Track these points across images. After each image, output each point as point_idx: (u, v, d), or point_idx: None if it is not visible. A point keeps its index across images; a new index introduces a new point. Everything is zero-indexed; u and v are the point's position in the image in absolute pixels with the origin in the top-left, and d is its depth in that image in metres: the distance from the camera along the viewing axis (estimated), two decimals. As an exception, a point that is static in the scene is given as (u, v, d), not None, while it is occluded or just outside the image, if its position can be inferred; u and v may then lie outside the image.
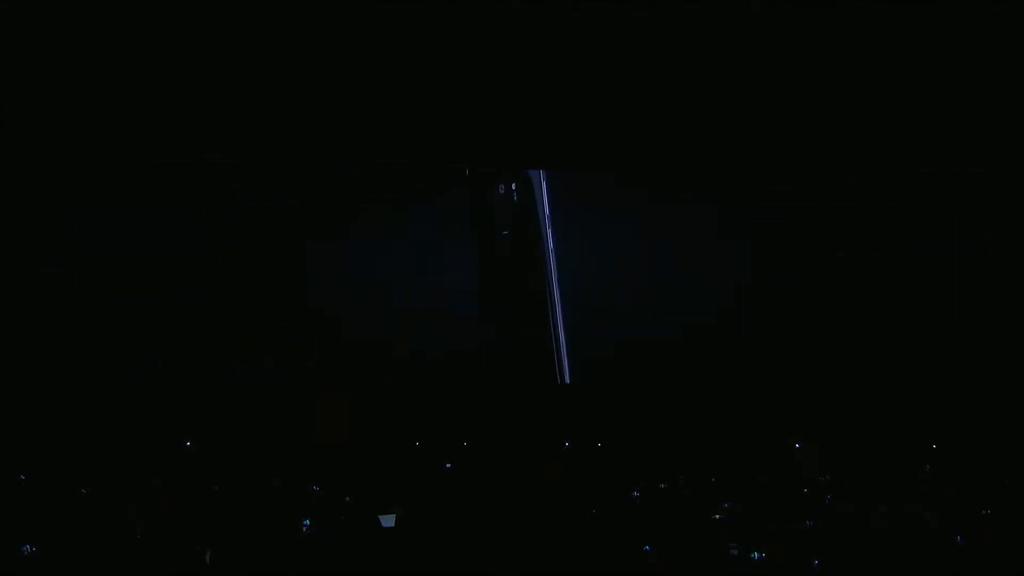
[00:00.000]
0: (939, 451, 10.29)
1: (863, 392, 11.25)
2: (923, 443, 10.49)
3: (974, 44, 10.05)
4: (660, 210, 11.89)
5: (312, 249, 11.63)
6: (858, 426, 10.94)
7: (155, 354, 11.15)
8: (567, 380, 11.88)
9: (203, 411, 10.98)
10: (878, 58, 10.38)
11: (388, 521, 7.98)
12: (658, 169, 11.89)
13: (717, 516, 8.04)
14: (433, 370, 11.87)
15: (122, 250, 11.21)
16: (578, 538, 7.37)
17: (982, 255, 11.31)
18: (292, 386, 11.41)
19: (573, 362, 11.90)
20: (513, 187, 12.03)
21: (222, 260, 11.46)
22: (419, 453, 10.33)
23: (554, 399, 11.85)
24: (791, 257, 11.70)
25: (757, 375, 11.57)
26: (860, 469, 9.78)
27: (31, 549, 6.64)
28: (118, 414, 10.86)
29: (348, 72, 10.58)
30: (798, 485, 9.43)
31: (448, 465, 10.11)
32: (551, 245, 12.08)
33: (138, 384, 11.05)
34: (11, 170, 10.82)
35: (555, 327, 12.00)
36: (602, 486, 9.55)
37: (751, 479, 9.58)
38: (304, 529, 7.54)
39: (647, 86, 10.92)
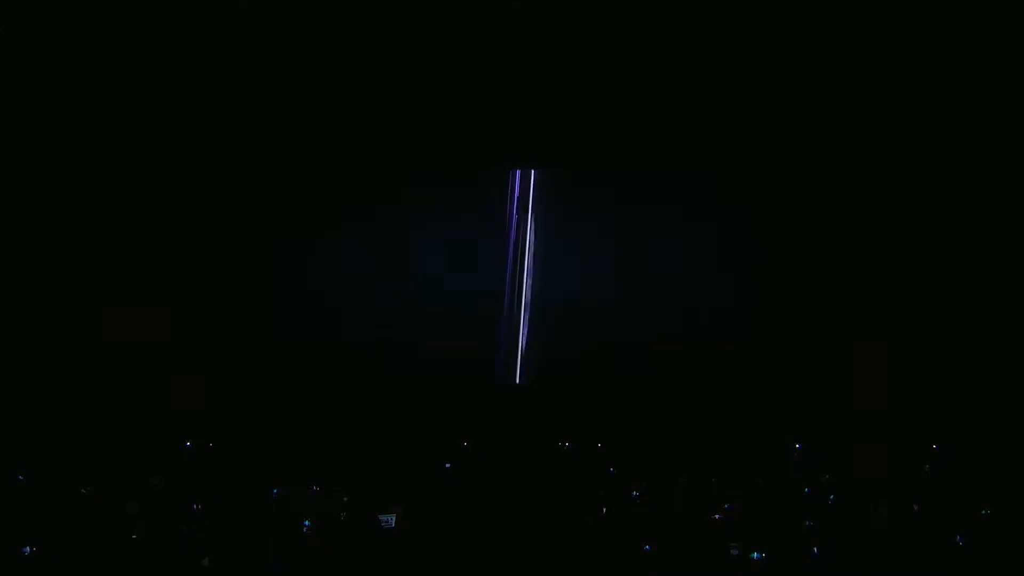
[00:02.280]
0: (940, 451, 10.27)
1: (863, 391, 11.24)
2: (924, 443, 10.48)
3: (975, 44, 10.05)
4: (653, 210, 11.90)
5: (311, 249, 11.63)
6: (858, 426, 10.93)
7: (155, 354, 11.15)
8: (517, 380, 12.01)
9: (203, 411, 10.97)
10: (880, 56, 10.37)
11: (388, 521, 8.00)
12: (650, 167, 11.90)
13: (716, 516, 8.05)
14: (433, 370, 11.86)
15: (121, 250, 11.21)
16: (578, 538, 7.38)
17: (983, 255, 11.29)
18: (293, 386, 11.41)
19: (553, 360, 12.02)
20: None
21: (222, 260, 11.45)
22: (419, 453, 10.32)
23: (552, 399, 11.85)
24: (790, 256, 11.69)
25: (756, 374, 11.55)
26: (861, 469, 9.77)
27: (31, 549, 6.65)
28: (118, 414, 10.85)
29: (346, 71, 10.59)
30: (798, 485, 9.42)
31: (448, 465, 10.10)
32: (513, 237, 12.09)
33: (138, 384, 11.06)
34: (10, 170, 10.82)
35: (520, 324, 12.11)
36: (602, 486, 9.55)
37: (751, 479, 9.57)
38: (305, 529, 7.55)
39: (643, 83, 10.91)
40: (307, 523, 7.69)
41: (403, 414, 11.26)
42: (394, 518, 8.04)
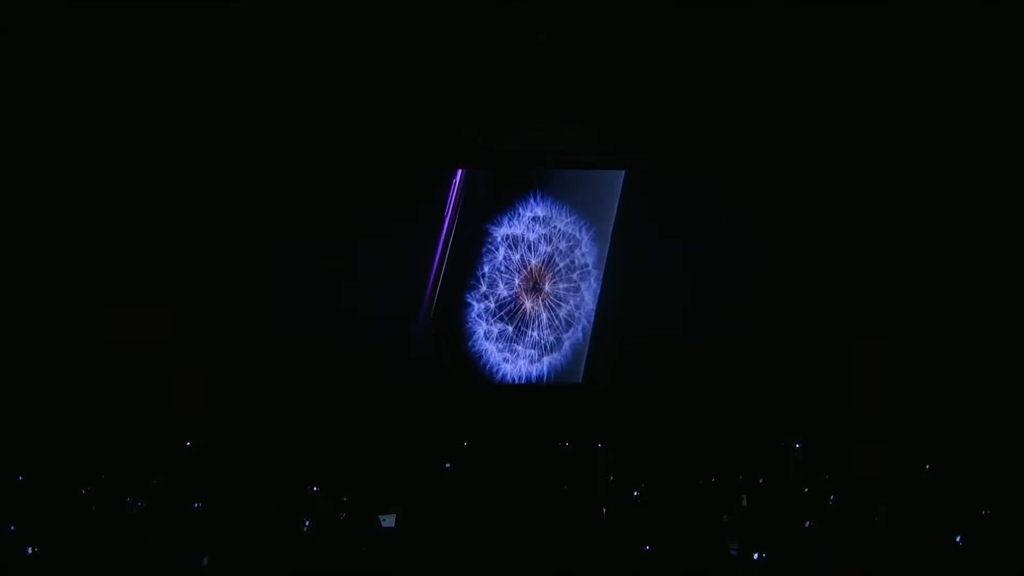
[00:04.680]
0: (939, 451, 10.28)
1: (863, 391, 11.25)
2: (923, 443, 10.50)
3: (975, 44, 10.04)
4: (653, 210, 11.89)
5: (306, 250, 11.60)
6: (858, 426, 10.95)
7: (155, 354, 11.14)
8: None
9: (203, 411, 10.98)
10: (881, 56, 10.36)
11: (388, 521, 8.00)
12: (649, 168, 11.93)
13: (716, 516, 8.06)
14: (432, 370, 11.86)
15: (121, 250, 11.22)
16: (578, 538, 7.39)
17: (982, 256, 11.30)
18: (291, 385, 11.41)
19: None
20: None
21: (222, 260, 11.44)
22: (419, 453, 10.32)
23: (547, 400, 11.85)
24: (790, 256, 11.70)
25: (757, 374, 11.56)
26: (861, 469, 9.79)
27: (33, 550, 6.66)
28: (118, 414, 10.86)
29: (346, 71, 10.58)
30: (798, 485, 9.43)
31: (448, 465, 10.11)
32: (443, 237, 11.81)
33: (137, 384, 11.06)
34: (10, 170, 10.81)
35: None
36: (602, 486, 9.55)
37: (752, 479, 9.58)
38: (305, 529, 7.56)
39: (642, 83, 10.91)
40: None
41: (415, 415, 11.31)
42: (394, 518, 8.05)
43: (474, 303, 11.96)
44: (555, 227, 12.07)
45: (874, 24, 9.84)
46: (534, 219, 12.08)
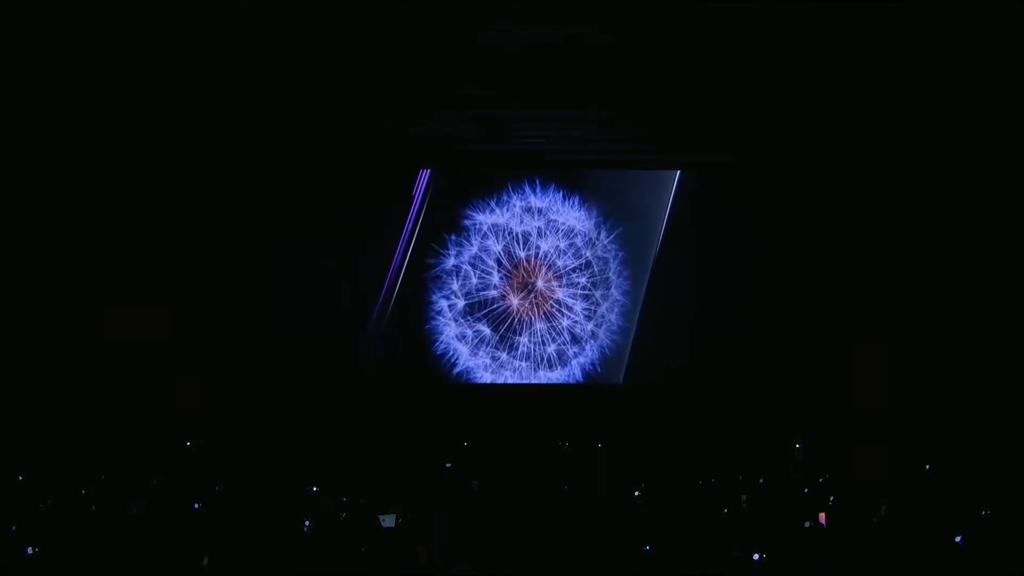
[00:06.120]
0: (939, 451, 10.28)
1: (863, 391, 11.25)
2: (923, 443, 10.50)
3: (974, 44, 10.03)
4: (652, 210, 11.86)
5: (306, 250, 11.61)
6: (858, 426, 10.95)
7: (155, 354, 11.14)
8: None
9: (203, 411, 10.98)
10: (881, 57, 10.35)
11: (388, 521, 8.00)
12: (648, 168, 11.92)
13: (718, 516, 8.06)
14: (432, 370, 11.84)
15: (121, 250, 11.22)
16: (579, 538, 7.39)
17: (982, 256, 11.29)
18: (291, 385, 11.41)
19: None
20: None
21: (222, 261, 11.44)
22: (419, 453, 10.32)
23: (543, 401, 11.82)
24: (790, 256, 11.69)
25: (757, 374, 11.56)
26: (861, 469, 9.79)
27: (33, 550, 6.66)
28: (118, 414, 10.86)
29: (347, 71, 10.57)
30: (798, 485, 9.43)
31: (448, 465, 10.11)
32: (406, 239, 11.42)
33: (137, 384, 11.06)
34: (11, 170, 10.81)
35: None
36: (603, 486, 9.55)
37: (752, 479, 9.58)
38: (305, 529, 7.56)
39: (640, 82, 10.89)
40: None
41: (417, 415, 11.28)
42: (394, 518, 8.05)
43: (440, 299, 11.48)
44: (554, 220, 11.46)
45: (873, 25, 9.82)
46: (528, 210, 11.43)
